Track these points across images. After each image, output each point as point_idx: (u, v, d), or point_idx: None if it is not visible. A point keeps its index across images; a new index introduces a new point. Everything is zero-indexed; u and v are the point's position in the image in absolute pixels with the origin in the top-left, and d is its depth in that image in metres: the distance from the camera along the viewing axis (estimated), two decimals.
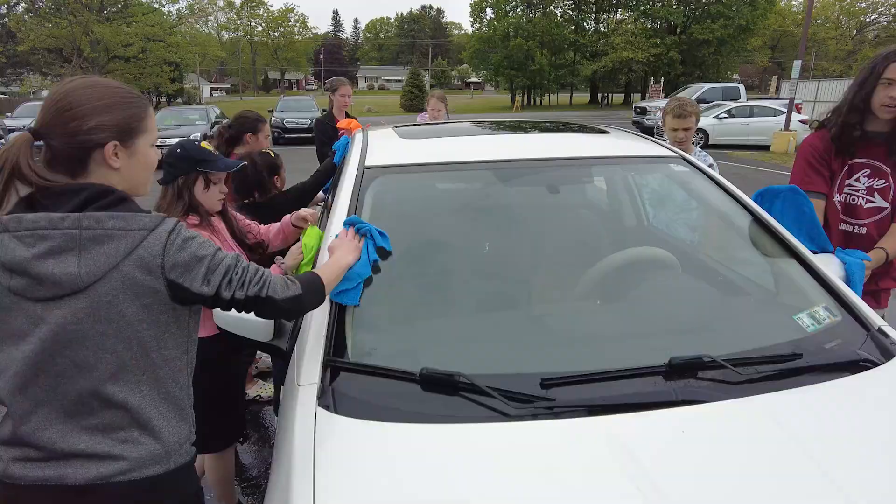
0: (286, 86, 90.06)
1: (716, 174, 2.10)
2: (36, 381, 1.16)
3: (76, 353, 1.15)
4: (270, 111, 19.41)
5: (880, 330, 1.57)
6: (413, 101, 41.61)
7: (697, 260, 2.05)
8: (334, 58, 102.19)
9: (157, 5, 41.16)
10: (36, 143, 1.19)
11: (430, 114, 4.84)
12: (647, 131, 18.38)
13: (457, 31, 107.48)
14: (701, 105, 19.14)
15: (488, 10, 44.82)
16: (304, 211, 2.37)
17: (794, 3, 57.73)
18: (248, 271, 1.29)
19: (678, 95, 3.05)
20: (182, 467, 1.28)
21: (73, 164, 1.19)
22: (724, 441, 1.19)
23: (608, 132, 2.42)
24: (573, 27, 44.57)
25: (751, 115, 16.98)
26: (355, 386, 1.35)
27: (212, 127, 15.44)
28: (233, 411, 2.30)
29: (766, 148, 15.84)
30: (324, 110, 5.84)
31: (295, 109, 19.83)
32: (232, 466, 2.43)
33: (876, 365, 1.44)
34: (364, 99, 56.48)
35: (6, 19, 39.13)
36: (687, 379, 1.34)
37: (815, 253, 1.89)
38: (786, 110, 15.89)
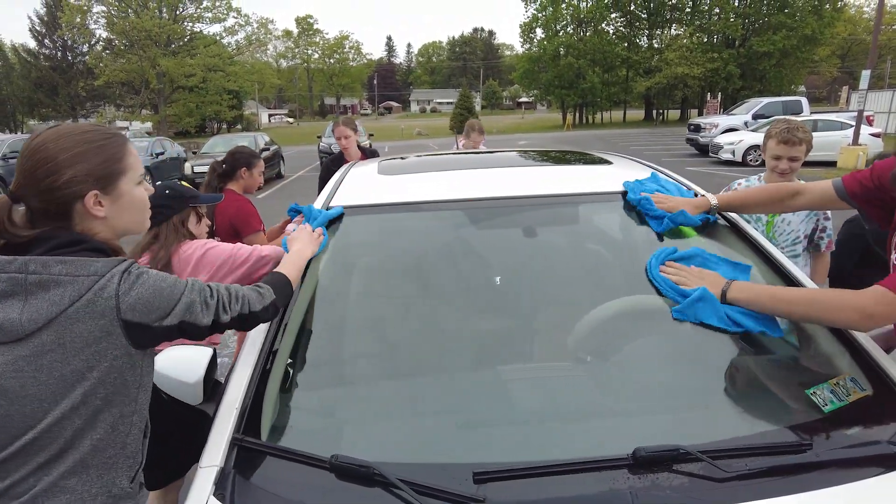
0: (341, 111, 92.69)
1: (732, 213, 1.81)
2: None
3: (12, 404, 1.06)
4: (319, 137, 19.81)
5: None
6: (463, 123, 41.82)
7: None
8: (387, 82, 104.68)
9: (217, 37, 43.25)
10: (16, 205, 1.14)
11: (471, 146, 4.70)
12: (702, 149, 17.63)
13: (508, 52, 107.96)
14: (759, 121, 18.38)
15: (538, 30, 44.74)
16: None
17: (865, 9, 54.99)
18: (223, 294, 1.27)
19: (786, 117, 2.57)
20: None
21: (57, 220, 1.14)
22: None
23: (611, 162, 2.17)
24: (626, 44, 43.81)
25: (815, 130, 15.96)
26: (264, 472, 1.16)
27: (260, 153, 15.90)
28: (182, 448, 2.19)
29: (833, 164, 14.85)
30: (371, 134, 5.78)
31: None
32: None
33: None
34: (415, 122, 57.39)
35: (86, 57, 42.17)
36: (655, 475, 1.08)
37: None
38: (854, 123, 14.88)
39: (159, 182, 2.33)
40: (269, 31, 50.89)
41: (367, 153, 4.53)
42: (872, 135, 14.92)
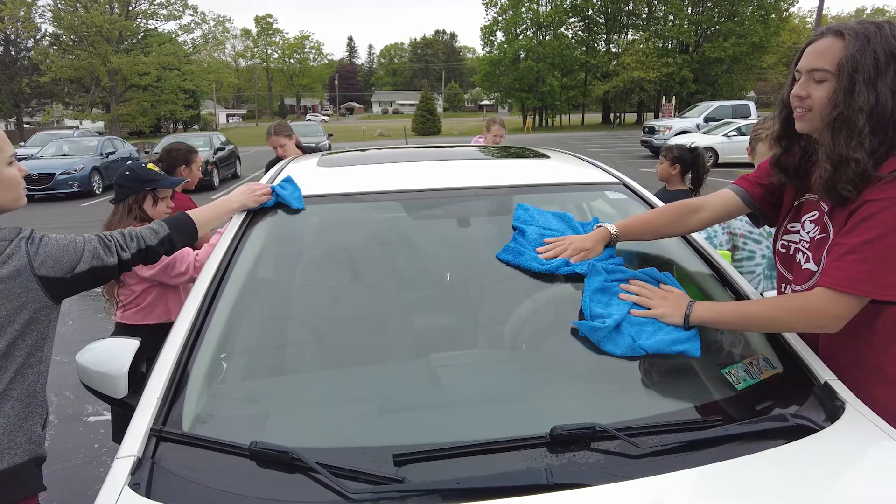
0: (302, 111, 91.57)
1: (657, 201, 1.87)
2: None
3: None
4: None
5: (826, 385, 1.32)
6: (424, 125, 41.84)
7: None
8: (349, 83, 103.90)
9: (173, 35, 42.10)
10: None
11: (491, 140, 4.65)
12: (656, 151, 18.10)
13: (470, 55, 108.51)
14: (710, 123, 18.99)
15: (499, 34, 45.15)
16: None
17: (808, 20, 57.48)
18: (117, 237, 1.49)
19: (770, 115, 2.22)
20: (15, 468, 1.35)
21: None
22: None
23: (548, 156, 2.21)
24: (584, 48, 44.61)
25: None
26: (183, 461, 1.14)
27: (215, 153, 15.55)
28: None
29: None
30: (330, 135, 5.67)
31: (301, 134, 19.73)
32: None
33: (814, 431, 1.19)
34: (377, 123, 57.14)
35: (31, 52, 40.43)
36: (572, 453, 1.11)
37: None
38: None
39: (129, 162, 2.64)
40: (226, 29, 49.98)
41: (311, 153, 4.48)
42: None
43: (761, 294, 1.69)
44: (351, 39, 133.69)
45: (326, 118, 76.02)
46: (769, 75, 56.49)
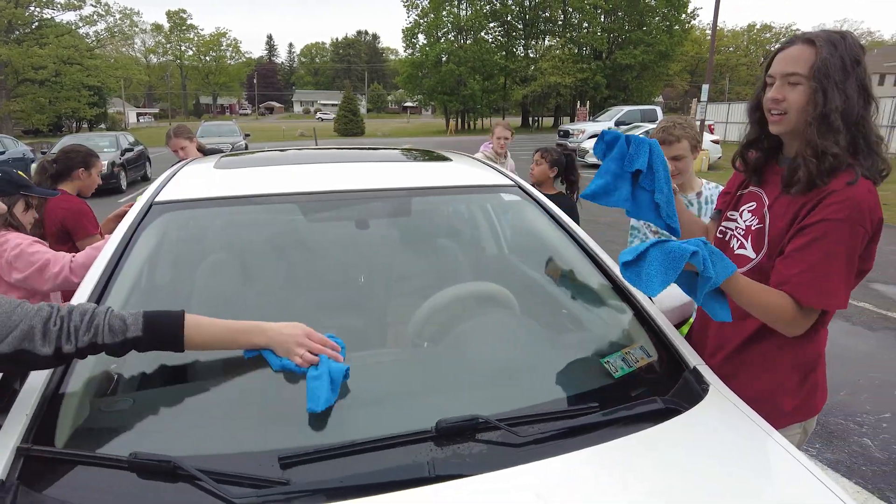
0: (218, 111, 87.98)
1: (549, 203, 1.96)
2: None
3: None
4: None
5: (695, 370, 1.45)
6: (347, 126, 41.33)
7: (508, 299, 1.83)
8: (268, 82, 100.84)
9: (73, 27, 39.18)
10: None
11: (497, 143, 4.57)
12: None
13: (392, 57, 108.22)
14: (620, 127, 19.98)
15: (420, 36, 45.35)
16: (120, 210, 2.59)
17: (708, 32, 61.59)
18: (66, 322, 1.12)
19: (670, 118, 2.40)
20: None
21: None
22: None
23: (450, 159, 2.26)
24: (504, 53, 45.63)
25: None
26: (56, 481, 1.08)
27: (122, 154, 14.66)
28: None
29: None
30: (247, 135, 5.43)
31: (216, 134, 19.25)
32: None
33: (681, 412, 1.30)
34: (299, 123, 55.80)
35: None
36: (457, 446, 1.15)
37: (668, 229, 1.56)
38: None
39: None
40: (134, 23, 47.08)
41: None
42: (713, 141, 16.74)
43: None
44: (270, 38, 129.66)
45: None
46: (675, 82, 60.05)
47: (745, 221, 1.57)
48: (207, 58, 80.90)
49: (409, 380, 1.40)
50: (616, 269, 1.78)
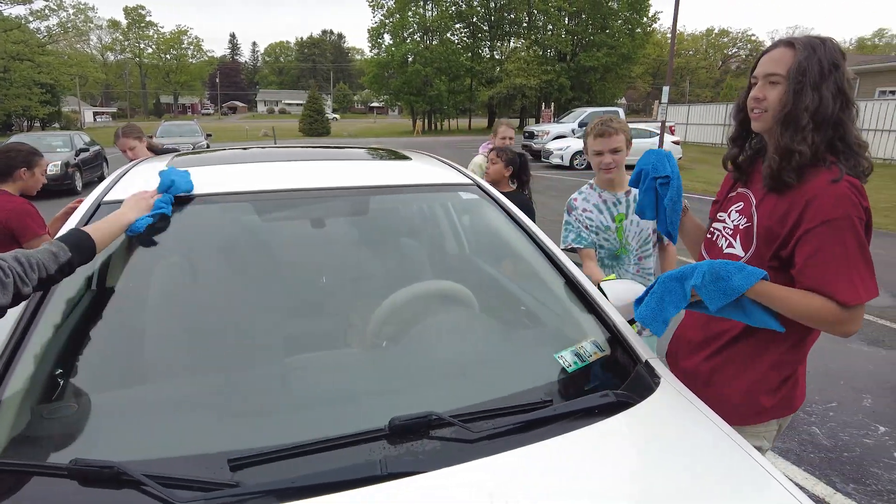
0: (180, 110, 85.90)
1: (506, 202, 1.98)
2: None
3: None
4: (150, 136, 18.11)
5: (647, 363, 1.48)
6: (312, 125, 40.85)
7: (466, 297, 1.84)
8: (232, 81, 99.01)
9: (22, 21, 37.66)
10: None
11: (501, 143, 4.49)
12: (536, 155, 18.97)
13: (358, 57, 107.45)
14: (584, 128, 20.30)
15: (386, 36, 45.17)
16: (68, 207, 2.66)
17: (668, 35, 63.14)
18: (17, 269, 1.22)
19: (600, 117, 2.45)
20: None
21: None
22: None
23: (410, 158, 2.26)
24: (470, 54, 45.82)
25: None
26: None
27: (77, 154, 14.17)
28: None
29: None
30: (209, 135, 5.27)
31: (177, 134, 18.75)
32: None
33: (632, 404, 1.33)
34: (262, 123, 54.90)
35: None
36: (410, 443, 1.15)
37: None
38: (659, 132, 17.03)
39: None
40: (89, 18, 45.59)
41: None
42: (674, 142, 17.15)
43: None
44: (233, 36, 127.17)
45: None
46: (637, 84, 61.30)
47: (733, 221, 1.63)
48: (168, 56, 78.93)
49: (364, 379, 1.39)
50: (570, 266, 1.80)
